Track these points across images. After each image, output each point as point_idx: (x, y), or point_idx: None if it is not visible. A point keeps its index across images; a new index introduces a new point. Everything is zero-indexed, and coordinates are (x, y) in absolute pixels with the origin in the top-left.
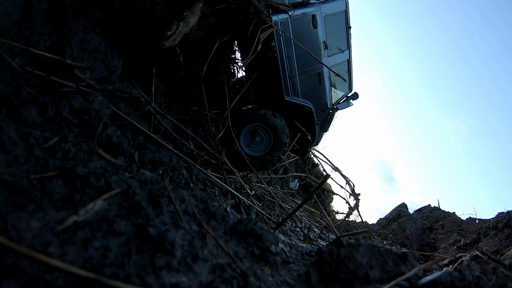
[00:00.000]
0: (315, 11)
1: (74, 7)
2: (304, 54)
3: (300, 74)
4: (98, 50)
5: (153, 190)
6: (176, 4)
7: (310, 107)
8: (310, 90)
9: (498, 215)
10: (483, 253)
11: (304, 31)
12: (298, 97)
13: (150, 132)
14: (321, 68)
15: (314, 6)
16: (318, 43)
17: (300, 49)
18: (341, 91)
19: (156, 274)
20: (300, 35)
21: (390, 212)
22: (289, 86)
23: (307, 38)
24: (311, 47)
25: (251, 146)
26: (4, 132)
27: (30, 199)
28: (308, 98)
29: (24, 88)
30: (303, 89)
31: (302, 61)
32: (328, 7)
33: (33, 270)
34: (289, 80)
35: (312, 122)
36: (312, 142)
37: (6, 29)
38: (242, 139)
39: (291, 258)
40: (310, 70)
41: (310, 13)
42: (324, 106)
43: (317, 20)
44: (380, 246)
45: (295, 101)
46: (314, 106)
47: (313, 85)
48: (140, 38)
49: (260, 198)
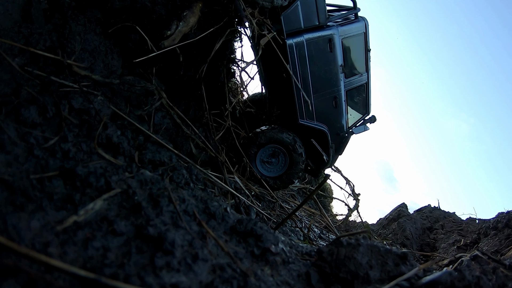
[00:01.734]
0: (332, 34)
1: (74, 7)
2: (319, 77)
3: (315, 97)
4: (98, 50)
5: (153, 190)
6: (176, 4)
7: (325, 130)
8: (325, 113)
9: (498, 215)
10: (483, 253)
11: (320, 54)
12: (313, 120)
13: (150, 132)
14: (338, 92)
15: (331, 29)
16: (335, 67)
17: (316, 72)
18: (358, 114)
19: (156, 274)
20: (315, 59)
21: (390, 212)
22: (304, 109)
23: (323, 61)
24: (328, 71)
25: (267, 167)
26: (4, 132)
27: (30, 199)
28: (323, 121)
29: (24, 88)
30: (318, 112)
31: (318, 84)
32: (347, 30)
33: (33, 270)
34: (304, 104)
35: (326, 145)
36: (327, 163)
37: (6, 29)
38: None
39: (291, 258)
40: (325, 93)
41: (327, 36)
42: (339, 130)
43: (334, 44)
44: (380, 246)
45: (310, 124)
46: (329, 129)
47: (329, 108)
48: (140, 38)
49: (260, 198)
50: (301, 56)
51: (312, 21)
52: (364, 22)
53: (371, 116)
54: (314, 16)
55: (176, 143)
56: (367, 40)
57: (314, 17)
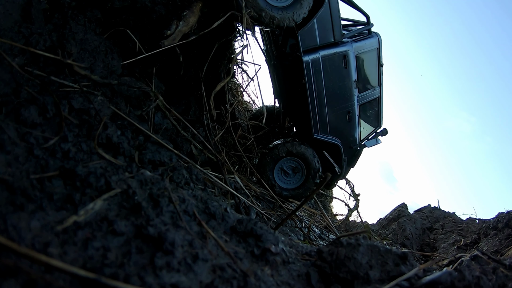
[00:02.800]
0: (347, 51)
1: (74, 7)
2: (334, 92)
3: (329, 112)
4: (98, 50)
5: (153, 190)
6: (176, 4)
7: (338, 144)
8: (339, 127)
9: (498, 215)
10: (483, 253)
11: (335, 70)
12: (326, 134)
13: (150, 132)
14: (351, 107)
15: (346, 45)
16: (349, 82)
17: (330, 87)
18: (370, 127)
19: (156, 274)
20: (330, 75)
21: (390, 212)
22: (318, 123)
23: (338, 77)
24: (342, 86)
25: (284, 179)
26: (4, 132)
27: (30, 199)
28: (337, 135)
29: (24, 88)
30: (332, 126)
31: (332, 99)
32: (361, 46)
33: (33, 270)
34: (318, 117)
35: (339, 158)
36: (339, 176)
37: (6, 29)
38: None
39: (291, 258)
40: (339, 108)
41: (342, 53)
42: (352, 143)
43: (349, 60)
44: (380, 246)
45: (324, 138)
46: (342, 143)
47: (342, 122)
48: (139, 38)
49: (260, 198)
50: (317, 72)
51: (327, 38)
52: (377, 37)
53: (382, 129)
54: (329, 33)
55: (176, 143)
56: (380, 55)
57: (330, 34)
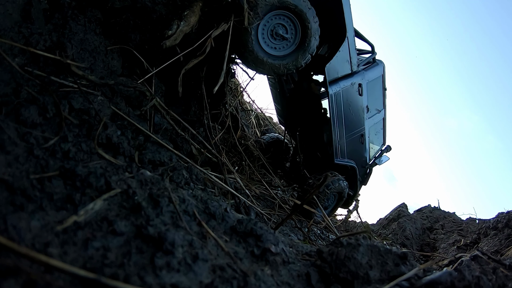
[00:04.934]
0: (361, 80)
1: (74, 7)
2: (351, 119)
3: (347, 137)
4: (98, 50)
5: (153, 190)
6: (176, 4)
7: (354, 166)
8: (354, 150)
9: (498, 215)
10: (483, 253)
11: (352, 99)
12: (344, 158)
13: (150, 132)
14: (364, 130)
15: (360, 75)
16: (362, 108)
17: (348, 114)
18: (377, 145)
19: (156, 274)
20: (349, 103)
21: (390, 212)
22: (338, 150)
23: (354, 104)
24: (357, 112)
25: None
26: (4, 132)
27: (30, 199)
28: (352, 157)
29: (24, 88)
30: (349, 150)
31: (350, 126)
32: (370, 74)
33: (33, 270)
34: (338, 144)
35: (355, 178)
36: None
37: (6, 29)
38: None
39: (291, 258)
40: (355, 132)
41: (357, 82)
42: (364, 163)
43: (363, 88)
44: (380, 246)
45: (342, 162)
46: (357, 163)
47: (357, 145)
48: (140, 38)
49: (260, 198)
50: (338, 102)
51: (346, 70)
52: (382, 65)
53: (386, 146)
54: (348, 65)
55: (176, 143)
56: (384, 81)
57: (348, 66)
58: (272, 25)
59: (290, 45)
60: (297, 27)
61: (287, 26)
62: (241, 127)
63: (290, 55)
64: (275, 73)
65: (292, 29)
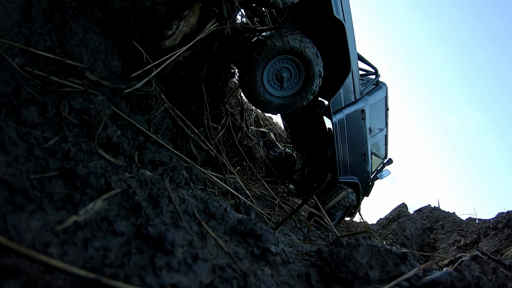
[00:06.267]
0: (364, 106)
1: (74, 7)
2: (353, 141)
3: (350, 157)
4: (98, 50)
5: (153, 190)
6: (176, 4)
7: (357, 182)
8: (357, 167)
9: (498, 215)
10: (483, 253)
11: (355, 123)
12: (347, 175)
13: (150, 132)
14: (366, 149)
15: (363, 101)
16: (365, 130)
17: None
18: (379, 159)
19: (156, 274)
20: (352, 128)
21: (390, 212)
22: (341, 168)
23: (357, 128)
24: (360, 134)
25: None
26: (4, 132)
27: (30, 199)
28: (355, 174)
29: (24, 88)
30: (352, 168)
31: (352, 146)
32: (373, 98)
33: (33, 270)
34: (342, 163)
35: (358, 192)
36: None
37: (6, 29)
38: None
39: (291, 258)
40: (358, 152)
41: (360, 108)
42: (367, 178)
43: (365, 113)
44: (380, 246)
45: (346, 180)
46: (359, 179)
47: (359, 162)
48: (140, 38)
49: (260, 199)
50: (342, 128)
51: (350, 99)
52: (385, 88)
53: (388, 159)
54: (351, 95)
55: (176, 143)
56: (387, 102)
57: (352, 96)
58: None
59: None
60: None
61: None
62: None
63: (295, 94)
64: (284, 111)
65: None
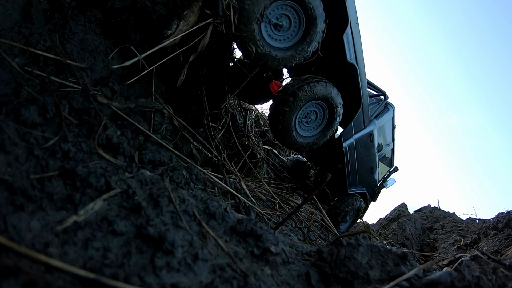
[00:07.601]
0: (372, 130)
1: (74, 7)
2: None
3: (359, 172)
4: (98, 50)
5: (153, 190)
6: (176, 4)
7: (365, 191)
8: (365, 179)
9: (498, 215)
10: (483, 253)
11: (364, 146)
12: (356, 187)
13: (150, 132)
14: (374, 164)
15: (371, 125)
16: (374, 149)
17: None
18: (386, 168)
19: (156, 274)
20: (361, 150)
21: (390, 212)
22: (351, 181)
23: (366, 149)
24: (368, 154)
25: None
26: (4, 132)
27: (30, 199)
28: (363, 184)
29: (24, 88)
30: (360, 180)
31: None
32: (382, 120)
33: (33, 270)
34: (351, 178)
35: (365, 199)
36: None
37: (6, 29)
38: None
39: (291, 258)
40: (366, 167)
41: (369, 132)
42: (374, 186)
43: (374, 136)
44: (380, 246)
45: (355, 191)
46: (367, 189)
47: (367, 175)
48: (140, 38)
49: (260, 198)
50: (351, 152)
51: (360, 127)
52: (392, 109)
53: (394, 167)
54: (361, 123)
55: (176, 143)
56: (394, 121)
57: (361, 124)
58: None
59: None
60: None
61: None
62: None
63: (316, 135)
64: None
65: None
